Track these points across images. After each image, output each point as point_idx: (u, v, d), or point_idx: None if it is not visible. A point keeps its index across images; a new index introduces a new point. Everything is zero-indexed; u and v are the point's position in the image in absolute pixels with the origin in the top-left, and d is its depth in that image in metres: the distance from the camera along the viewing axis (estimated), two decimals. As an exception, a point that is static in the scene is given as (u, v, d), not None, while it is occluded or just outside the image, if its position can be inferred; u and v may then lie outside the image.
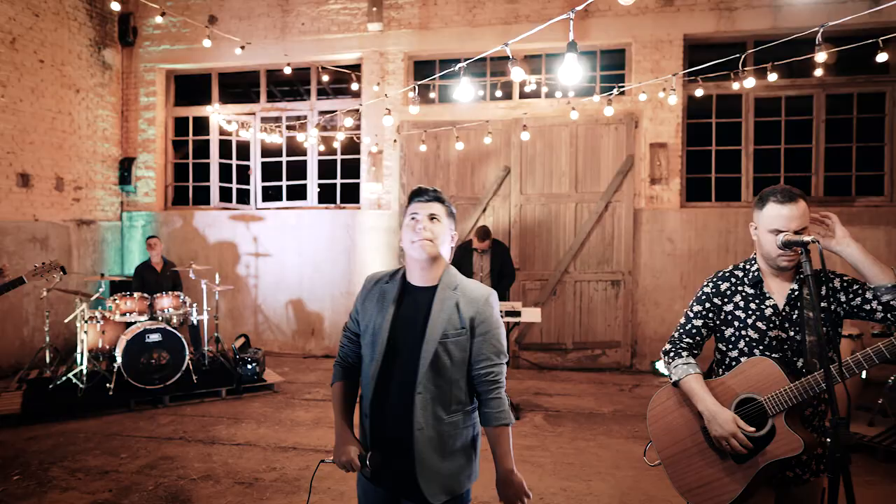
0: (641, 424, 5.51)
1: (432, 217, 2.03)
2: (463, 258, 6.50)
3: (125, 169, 8.80)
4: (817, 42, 3.98)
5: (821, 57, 4.13)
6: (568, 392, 6.65)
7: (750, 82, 5.69)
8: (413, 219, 2.04)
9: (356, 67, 8.22)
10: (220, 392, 6.34)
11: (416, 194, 2.08)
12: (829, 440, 1.79)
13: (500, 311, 5.73)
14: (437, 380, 2.00)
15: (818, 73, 5.42)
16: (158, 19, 5.81)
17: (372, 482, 2.09)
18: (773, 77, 5.67)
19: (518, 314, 5.87)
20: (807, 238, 1.94)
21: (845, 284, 2.13)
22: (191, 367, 6.33)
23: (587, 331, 7.72)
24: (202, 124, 9.17)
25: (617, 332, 7.67)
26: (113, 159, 8.79)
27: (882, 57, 4.85)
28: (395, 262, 8.01)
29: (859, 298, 2.09)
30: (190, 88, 9.43)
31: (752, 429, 2.07)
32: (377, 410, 2.06)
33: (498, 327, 2.09)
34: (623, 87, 7.14)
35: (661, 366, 7.35)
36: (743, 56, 5.24)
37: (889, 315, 2.04)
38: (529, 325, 7.65)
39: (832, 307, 2.12)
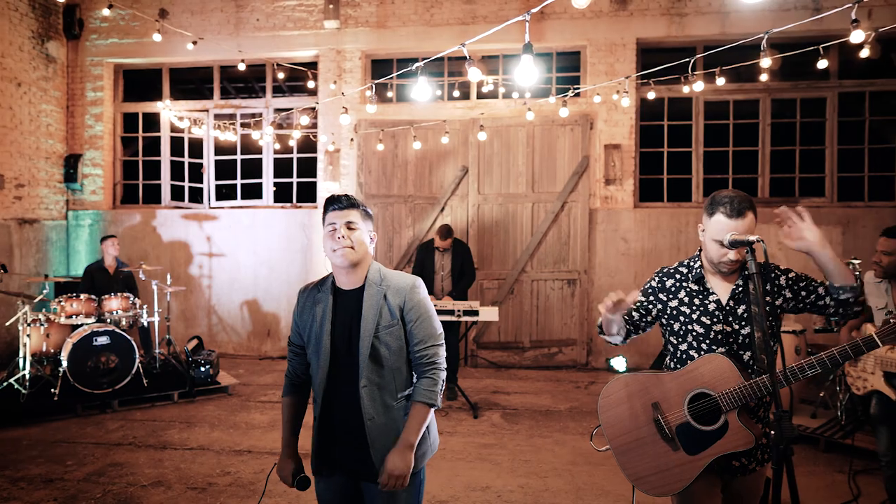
0: (597, 421, 5.61)
1: (350, 225, 2.11)
2: (425, 257, 6.51)
3: (71, 166, 8.48)
4: (762, 48, 4.13)
5: (766, 62, 4.28)
6: (525, 390, 6.72)
7: (699, 86, 5.85)
8: (332, 228, 2.11)
9: (313, 65, 8.13)
10: (172, 395, 6.18)
11: (331, 202, 2.15)
12: (772, 432, 1.86)
13: (458, 311, 5.80)
14: (379, 370, 2.13)
15: (763, 78, 5.62)
16: (105, 11, 5.62)
17: (334, 471, 2.21)
18: (721, 81, 5.85)
19: (476, 313, 5.90)
20: (752, 238, 2.01)
21: (790, 282, 2.22)
22: (141, 370, 6.15)
23: (544, 329, 7.82)
24: (153, 121, 8.91)
25: (573, 330, 7.79)
26: (58, 156, 8.46)
27: (823, 63, 5.06)
28: (352, 262, 7.93)
29: (813, 295, 2.19)
30: (139, 83, 9.15)
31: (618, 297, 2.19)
32: (328, 411, 2.19)
33: (427, 311, 2.19)
34: (578, 88, 7.26)
35: (615, 363, 7.50)
36: (693, 60, 5.39)
37: (840, 309, 2.15)
38: (487, 324, 7.71)
39: (777, 302, 2.21)
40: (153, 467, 4.53)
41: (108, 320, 6.27)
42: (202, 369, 6.40)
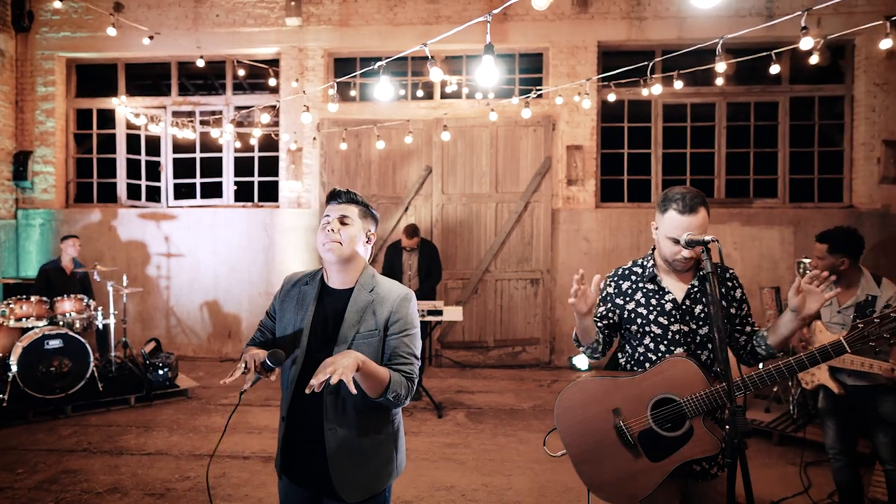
0: (559, 418, 5.68)
1: (343, 220, 2.05)
2: (393, 258, 6.51)
3: (20, 163, 8.17)
4: (717, 53, 4.24)
5: (721, 67, 4.40)
6: (489, 389, 6.76)
7: (657, 89, 5.97)
8: (325, 221, 2.06)
9: (274, 62, 8.02)
10: (129, 399, 6.02)
11: (331, 197, 2.10)
12: (727, 427, 1.90)
13: (422, 311, 5.80)
14: None
15: (719, 82, 5.76)
16: (57, 4, 5.44)
17: (293, 482, 2.11)
18: (679, 85, 5.98)
19: (440, 313, 5.91)
20: (708, 237, 2.02)
21: (743, 296, 2.28)
22: (96, 374, 5.97)
23: (508, 328, 7.88)
24: (108, 117, 8.66)
25: (536, 329, 7.87)
26: (6, 153, 8.14)
27: (775, 69, 5.21)
28: (314, 262, 7.87)
29: (739, 328, 2.27)
30: (93, 79, 8.88)
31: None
32: (293, 413, 2.08)
33: (413, 327, 2.08)
34: (541, 90, 7.33)
35: (577, 361, 7.60)
36: (651, 64, 5.49)
37: (744, 353, 2.29)
38: (451, 323, 7.72)
39: (731, 311, 2.26)
40: (109, 474, 4.40)
41: (61, 323, 6.07)
42: (160, 372, 6.25)
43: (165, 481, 4.28)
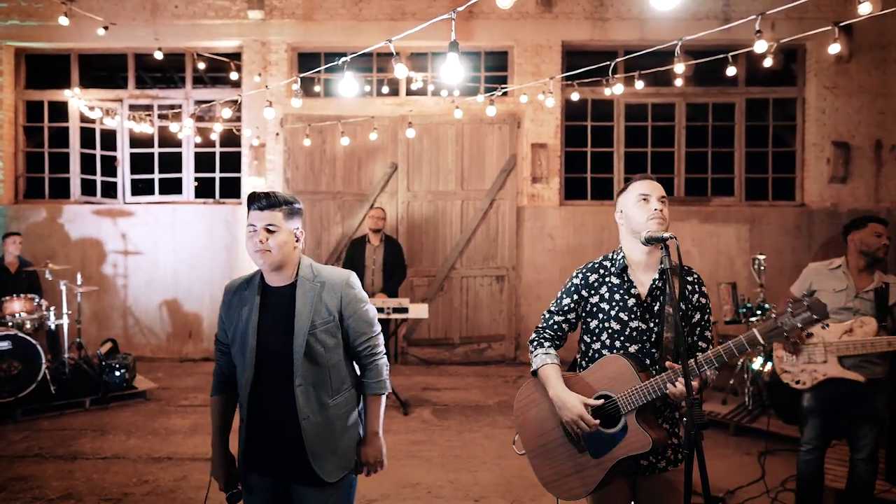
0: (524, 414, 5.73)
1: (269, 228, 2.06)
2: (356, 252, 6.50)
3: (-34, 157, 7.84)
4: (676, 54, 4.32)
5: (680, 68, 4.49)
6: (455, 386, 6.78)
7: (619, 89, 6.05)
8: (251, 230, 2.08)
9: (236, 56, 7.86)
10: (84, 402, 5.85)
11: (252, 201, 2.10)
12: (685, 419, 1.93)
13: (388, 308, 5.78)
14: (314, 368, 2.12)
15: (679, 83, 5.88)
16: (6, -8, 5.23)
17: (261, 473, 2.17)
18: (640, 85, 6.08)
19: (406, 310, 5.90)
20: (666, 234, 2.07)
21: (700, 304, 2.26)
22: (48, 376, 5.77)
23: (473, 325, 7.91)
24: (60, 110, 8.36)
25: (502, 325, 7.92)
26: (-49, 146, 7.80)
27: (731, 71, 5.36)
28: (278, 260, 7.75)
29: (693, 331, 2.25)
30: (45, 70, 8.56)
31: (597, 421, 2.13)
32: (256, 413, 2.15)
33: (363, 303, 2.23)
34: (506, 88, 7.36)
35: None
36: (614, 64, 5.57)
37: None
38: (417, 321, 7.71)
39: (685, 308, 2.24)
40: (62, 479, 4.27)
41: (10, 324, 5.86)
42: (117, 374, 6.08)
43: (123, 486, 4.17)
